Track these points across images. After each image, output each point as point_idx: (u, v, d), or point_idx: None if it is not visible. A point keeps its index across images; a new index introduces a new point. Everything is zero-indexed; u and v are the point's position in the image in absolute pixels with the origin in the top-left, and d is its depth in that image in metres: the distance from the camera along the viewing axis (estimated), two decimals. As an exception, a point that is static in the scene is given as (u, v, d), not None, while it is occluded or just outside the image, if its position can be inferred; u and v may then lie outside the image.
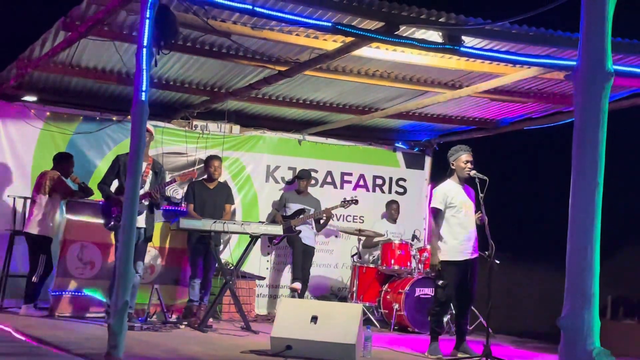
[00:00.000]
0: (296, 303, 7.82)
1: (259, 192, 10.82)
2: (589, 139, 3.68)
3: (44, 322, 7.81)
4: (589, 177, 3.65)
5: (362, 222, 11.12)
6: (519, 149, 10.32)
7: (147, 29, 5.41)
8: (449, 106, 9.80)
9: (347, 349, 6.16)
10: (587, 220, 3.64)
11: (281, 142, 11.03)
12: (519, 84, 8.55)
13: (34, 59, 8.21)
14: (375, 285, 9.83)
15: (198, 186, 9.31)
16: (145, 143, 5.46)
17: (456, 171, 7.25)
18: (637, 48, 6.73)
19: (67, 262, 8.65)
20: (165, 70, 8.71)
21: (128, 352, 5.30)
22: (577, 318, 3.59)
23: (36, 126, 9.49)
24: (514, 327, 9.81)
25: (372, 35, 6.41)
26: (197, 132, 10.39)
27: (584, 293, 3.60)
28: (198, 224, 8.30)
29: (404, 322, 9.26)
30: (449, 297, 7.27)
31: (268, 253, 10.70)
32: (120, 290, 5.15)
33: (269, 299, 10.61)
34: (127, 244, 5.23)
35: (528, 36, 6.59)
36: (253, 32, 6.86)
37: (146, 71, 5.38)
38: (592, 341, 3.56)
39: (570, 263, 3.69)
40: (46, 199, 8.50)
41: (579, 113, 3.75)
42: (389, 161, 11.68)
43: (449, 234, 7.13)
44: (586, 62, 3.72)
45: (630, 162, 8.57)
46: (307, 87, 9.24)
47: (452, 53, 6.81)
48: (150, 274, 9.13)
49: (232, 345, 6.94)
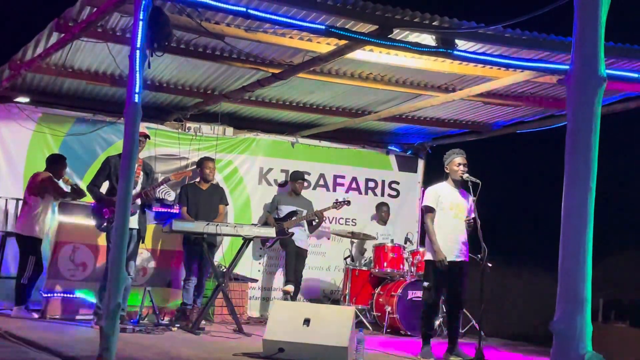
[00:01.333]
0: (289, 306, 7.80)
1: (252, 194, 10.82)
2: (581, 143, 3.68)
3: (35, 324, 7.79)
4: (581, 180, 3.66)
5: (354, 225, 11.14)
6: (511, 152, 10.34)
7: (140, 31, 5.40)
8: (442, 109, 9.82)
9: (339, 352, 6.15)
10: (579, 224, 3.65)
11: (274, 144, 11.03)
12: (512, 88, 8.57)
13: (26, 60, 8.19)
14: (368, 288, 9.84)
15: (191, 188, 9.28)
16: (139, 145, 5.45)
17: (450, 174, 7.27)
18: (629, 52, 6.76)
19: (59, 263, 8.63)
20: (159, 72, 8.70)
21: (120, 355, 5.28)
22: (569, 322, 3.60)
23: (29, 127, 9.46)
24: (506, 330, 9.83)
25: (366, 38, 6.43)
26: (190, 134, 10.38)
27: (576, 297, 3.61)
28: (190, 226, 8.29)
29: (396, 325, 9.27)
30: (436, 299, 7.28)
31: (260, 255, 10.69)
32: (112, 292, 5.14)
33: (261, 301, 10.60)
34: (120, 246, 5.22)
35: (521, 40, 6.61)
36: (247, 34, 6.87)
37: (139, 73, 5.37)
38: (585, 345, 3.57)
39: (562, 267, 3.69)
40: (38, 200, 8.47)
41: (572, 117, 3.76)
42: (382, 164, 11.69)
43: (437, 234, 7.14)
44: (579, 66, 3.73)
45: (622, 166, 8.60)
46: (300, 89, 9.24)
47: (445, 56, 6.83)
48: (142, 276, 9.11)
49: (224, 348, 6.93)
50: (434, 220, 7.18)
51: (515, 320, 9.94)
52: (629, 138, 8.77)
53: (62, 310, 8.50)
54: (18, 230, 8.54)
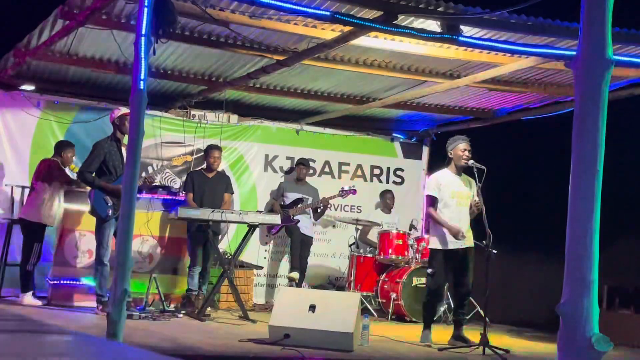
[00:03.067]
0: (294, 292, 7.83)
1: (258, 181, 10.84)
2: (589, 126, 3.68)
3: (42, 311, 7.82)
4: (589, 163, 3.66)
5: (359, 212, 11.15)
6: (516, 139, 10.32)
7: (145, 18, 5.41)
8: (447, 96, 9.81)
9: (345, 338, 6.18)
10: (586, 207, 3.65)
11: (279, 131, 11.04)
12: (517, 74, 8.55)
13: (31, 48, 8.19)
14: (373, 275, 9.86)
15: (197, 176, 9.29)
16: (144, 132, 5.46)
17: (454, 160, 7.26)
18: (635, 38, 6.74)
19: (64, 250, 8.64)
20: (164, 59, 8.70)
21: (127, 340, 5.32)
22: (576, 304, 3.61)
23: (34, 115, 9.48)
24: (511, 317, 9.84)
25: (371, 24, 6.42)
26: (195, 121, 10.38)
27: (583, 280, 3.61)
28: (196, 213, 8.30)
29: (401, 312, 9.29)
30: (439, 286, 7.30)
31: (266, 242, 10.72)
32: (119, 279, 5.16)
33: (266, 288, 10.63)
34: (126, 233, 5.24)
35: (526, 26, 6.59)
36: (251, 21, 6.86)
37: (145, 60, 5.38)
38: (591, 327, 3.58)
39: (569, 250, 3.70)
40: (45, 186, 8.47)
41: (579, 100, 3.76)
42: (387, 151, 11.69)
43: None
44: (587, 49, 3.72)
45: (628, 152, 8.58)
46: (305, 76, 9.24)
47: (450, 42, 6.81)
48: (148, 263, 9.14)
49: (230, 334, 6.96)
50: (437, 208, 7.19)
51: (520, 306, 9.94)
52: (635, 125, 8.75)
53: (67, 297, 8.51)
54: (23, 215, 8.54)
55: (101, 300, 7.75)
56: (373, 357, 6.23)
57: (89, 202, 7.95)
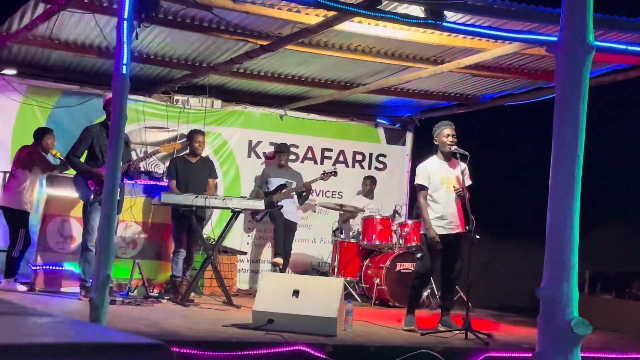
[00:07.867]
0: (278, 277, 7.85)
1: (241, 167, 10.81)
2: (570, 111, 3.70)
3: (24, 296, 7.79)
4: (569, 148, 3.68)
5: (340, 198, 11.15)
6: (500, 124, 10.36)
7: (127, 2, 5.37)
8: (430, 82, 9.81)
9: (328, 323, 6.20)
10: (567, 192, 3.68)
11: (263, 117, 11.01)
12: (501, 60, 8.57)
13: (12, 31, 8.12)
14: (357, 260, 9.88)
15: (180, 161, 9.24)
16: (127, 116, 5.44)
17: (439, 146, 7.26)
18: (617, 24, 6.75)
19: (47, 236, 8.62)
20: (146, 44, 8.64)
21: (110, 326, 5.30)
22: (556, 288, 3.64)
23: (16, 100, 9.40)
24: (493, 302, 9.91)
25: (355, 9, 6.40)
26: (178, 106, 10.33)
27: (563, 264, 3.65)
28: (180, 199, 8.28)
29: (384, 297, 9.33)
30: (427, 270, 7.30)
31: (250, 228, 10.71)
32: (102, 264, 5.15)
33: (250, 273, 10.63)
34: (109, 217, 5.23)
35: (510, 11, 6.59)
36: (235, 5, 6.82)
37: (127, 44, 5.35)
38: (571, 311, 3.62)
39: (550, 234, 3.73)
40: (25, 173, 8.44)
41: (560, 86, 3.78)
42: (370, 137, 11.68)
43: (429, 209, 7.16)
44: (568, 34, 3.74)
45: (609, 138, 8.63)
46: (289, 61, 9.21)
47: (434, 28, 6.80)
48: (132, 248, 9.12)
49: (214, 320, 6.97)
50: (427, 197, 7.19)
51: (503, 291, 10.01)
52: (617, 110, 8.80)
53: (50, 283, 8.49)
54: (5, 203, 8.51)
55: (84, 286, 7.74)
56: (356, 341, 6.25)
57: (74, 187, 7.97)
